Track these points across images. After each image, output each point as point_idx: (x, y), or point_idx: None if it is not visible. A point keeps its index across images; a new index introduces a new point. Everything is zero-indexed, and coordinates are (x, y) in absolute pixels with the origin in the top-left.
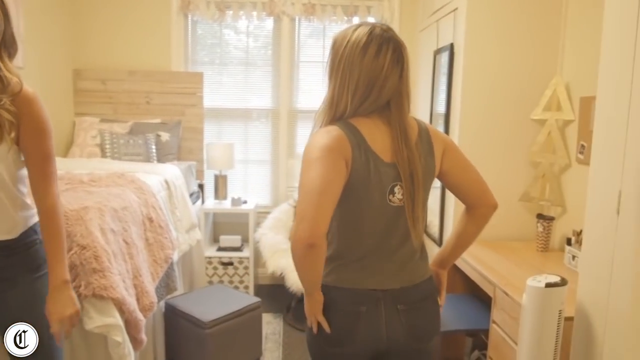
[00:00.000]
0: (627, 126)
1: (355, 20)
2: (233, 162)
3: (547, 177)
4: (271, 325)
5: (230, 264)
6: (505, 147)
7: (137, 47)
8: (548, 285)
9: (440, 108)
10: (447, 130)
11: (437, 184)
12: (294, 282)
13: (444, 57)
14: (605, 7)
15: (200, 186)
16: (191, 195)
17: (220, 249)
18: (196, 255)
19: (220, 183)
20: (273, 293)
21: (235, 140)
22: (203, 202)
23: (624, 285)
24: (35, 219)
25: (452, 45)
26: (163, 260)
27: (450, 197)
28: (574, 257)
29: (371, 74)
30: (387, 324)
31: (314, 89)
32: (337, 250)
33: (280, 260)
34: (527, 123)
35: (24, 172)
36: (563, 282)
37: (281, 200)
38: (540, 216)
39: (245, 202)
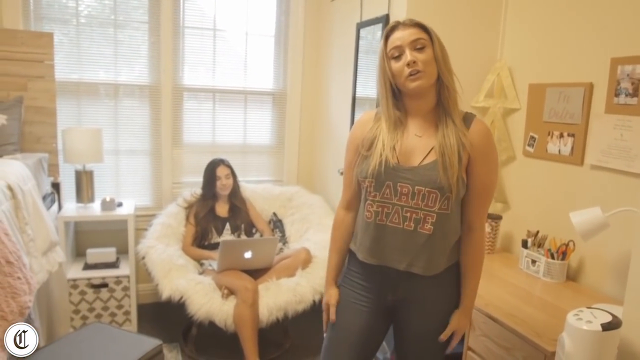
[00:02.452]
0: None
1: None
2: (102, 154)
3: None
4: None
5: (104, 285)
6: None
7: None
8: (605, 327)
9: (370, 91)
10: None
11: None
12: (199, 307)
13: (375, 32)
14: None
15: (55, 186)
16: (43, 199)
17: (88, 267)
18: (56, 282)
19: (85, 181)
20: (160, 315)
21: (102, 125)
22: (60, 207)
23: None
24: None
25: (387, 17)
26: (17, 313)
27: None
28: (533, 261)
29: None
30: None
31: (203, 61)
32: None
33: (178, 281)
34: (468, 110)
35: None
36: (617, 321)
37: (166, 200)
38: (487, 215)
39: (120, 204)
